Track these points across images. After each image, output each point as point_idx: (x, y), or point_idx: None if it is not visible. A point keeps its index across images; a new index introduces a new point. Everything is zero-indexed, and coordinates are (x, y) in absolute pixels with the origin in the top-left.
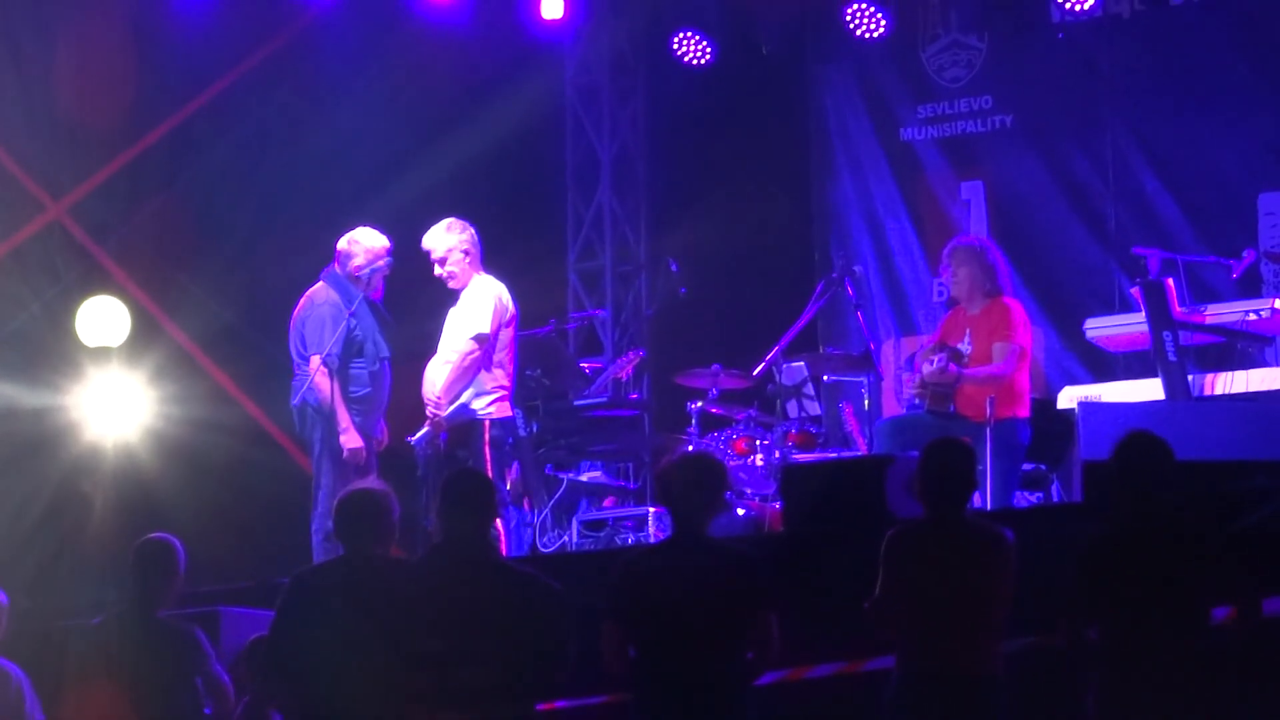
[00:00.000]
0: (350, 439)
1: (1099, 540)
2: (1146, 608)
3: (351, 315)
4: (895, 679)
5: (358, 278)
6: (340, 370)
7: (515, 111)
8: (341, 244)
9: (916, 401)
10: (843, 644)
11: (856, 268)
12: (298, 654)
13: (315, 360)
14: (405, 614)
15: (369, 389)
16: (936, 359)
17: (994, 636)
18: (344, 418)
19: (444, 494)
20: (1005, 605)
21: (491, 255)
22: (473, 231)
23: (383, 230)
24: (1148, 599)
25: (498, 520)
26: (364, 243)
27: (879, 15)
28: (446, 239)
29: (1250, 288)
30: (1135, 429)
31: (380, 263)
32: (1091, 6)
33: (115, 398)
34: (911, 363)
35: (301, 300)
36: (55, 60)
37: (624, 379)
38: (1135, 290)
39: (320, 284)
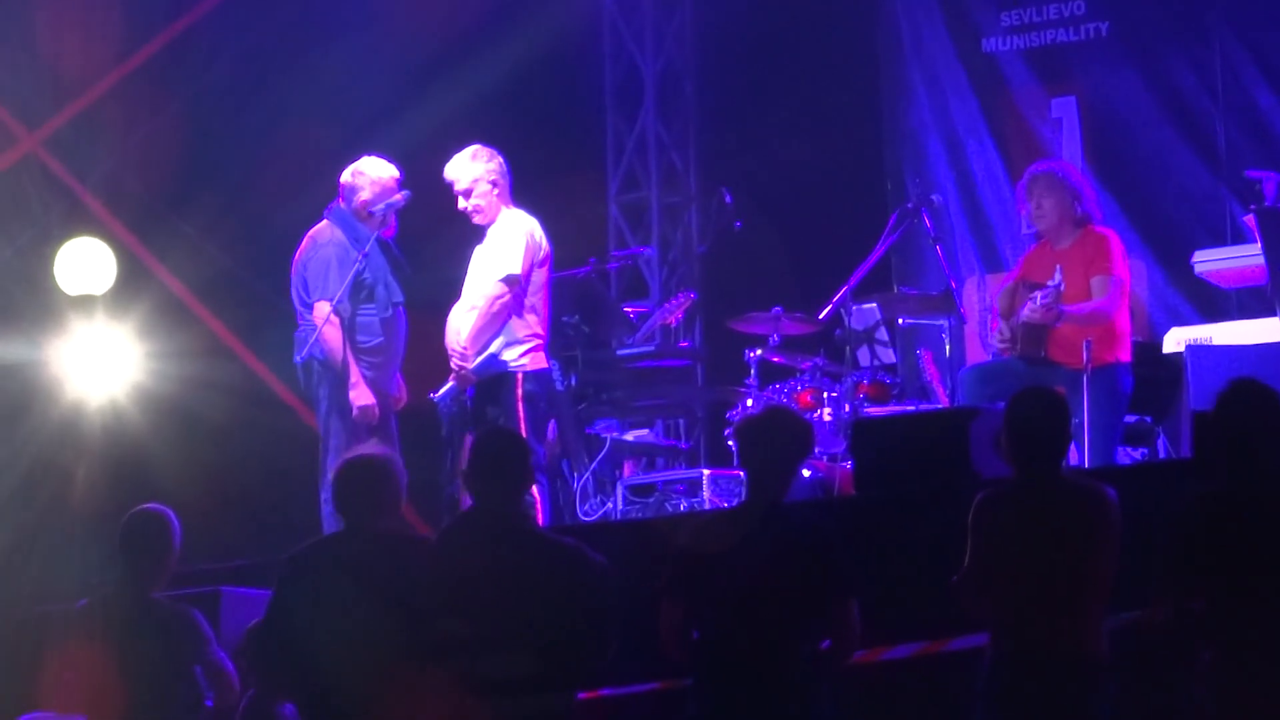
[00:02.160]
0: (360, 395)
1: (1200, 501)
2: (1253, 576)
3: (364, 256)
4: (988, 661)
5: (370, 214)
6: (349, 318)
7: (546, 24)
8: (345, 176)
9: (1001, 349)
10: (924, 621)
11: (935, 197)
12: (299, 641)
13: (322, 307)
14: (427, 593)
15: (382, 338)
16: (1040, 295)
17: (1098, 611)
18: (354, 371)
19: (474, 456)
20: (1110, 575)
21: (522, 187)
22: (501, 160)
23: (396, 162)
24: (1254, 566)
25: (533, 486)
26: (369, 174)
27: None
28: (471, 168)
29: None
30: (1238, 377)
31: (397, 197)
32: None
33: (100, 352)
34: (991, 307)
35: (304, 241)
36: None
37: (673, 325)
38: (1249, 218)
39: (324, 222)
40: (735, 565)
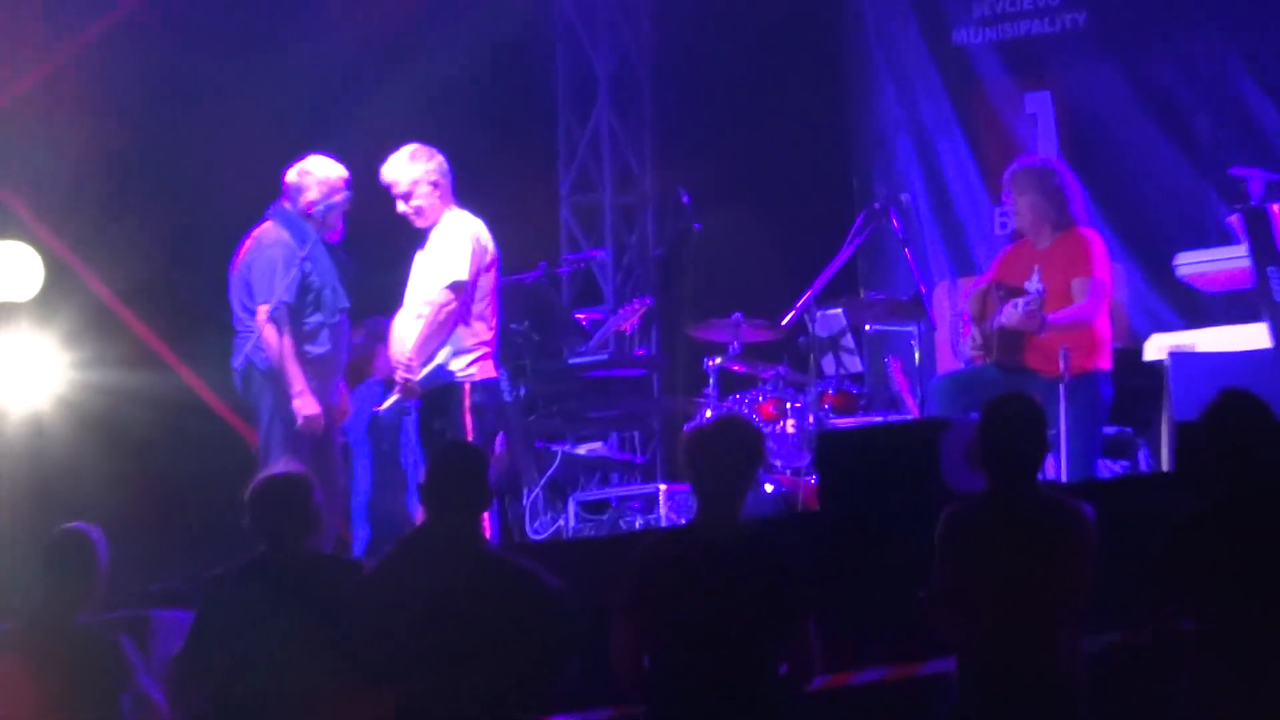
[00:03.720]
0: (306, 404)
1: (1191, 517)
2: (1251, 594)
3: (305, 259)
4: (956, 683)
5: (310, 215)
6: (294, 324)
7: (495, 17)
8: (290, 176)
9: (973, 355)
10: (893, 644)
11: (903, 196)
12: (222, 669)
13: (264, 311)
14: (374, 615)
15: (328, 347)
16: (1022, 302)
17: (1073, 631)
18: (298, 379)
19: (432, 470)
20: (1085, 595)
21: (468, 187)
22: (441, 159)
23: (340, 161)
24: (1253, 583)
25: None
26: (317, 173)
27: None
28: (410, 169)
29: None
30: (1226, 387)
31: (337, 197)
32: None
33: (24, 361)
34: (962, 313)
35: (246, 243)
36: None
37: (628, 332)
38: (1234, 219)
39: (268, 223)
40: (689, 586)
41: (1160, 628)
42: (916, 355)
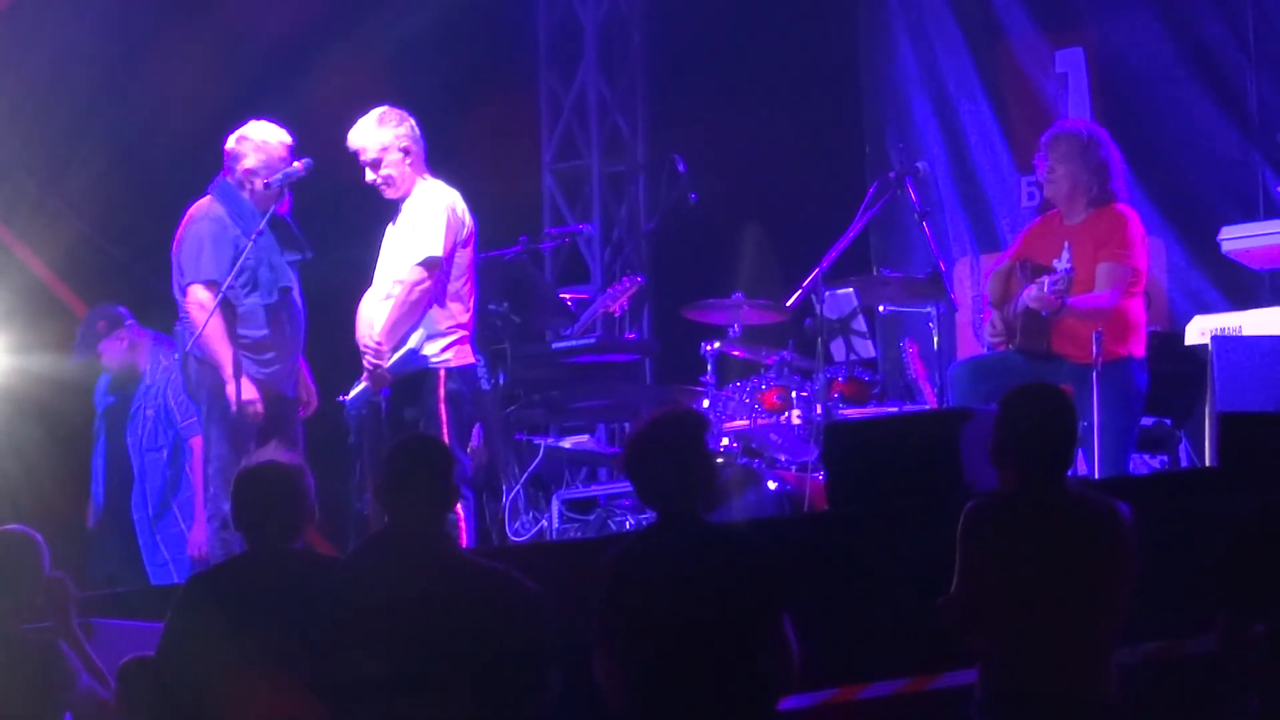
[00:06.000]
0: (240, 389)
1: (1262, 509)
2: None
3: (257, 234)
4: (977, 701)
5: (268, 186)
6: (224, 305)
7: None
8: (229, 143)
9: (994, 344)
10: (906, 656)
11: (921, 164)
12: (194, 681)
13: (196, 292)
14: (334, 626)
15: (266, 330)
16: (1048, 281)
17: (1107, 645)
18: (228, 363)
19: (389, 466)
20: (1122, 605)
21: (442, 154)
22: (412, 123)
23: (289, 128)
24: None
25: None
26: (255, 138)
27: None
28: (379, 134)
29: None
30: None
31: (296, 165)
32: None
33: None
34: (981, 297)
35: (182, 219)
36: None
37: (617, 314)
38: None
39: (206, 197)
40: (656, 598)
41: (1229, 633)
42: (935, 339)
